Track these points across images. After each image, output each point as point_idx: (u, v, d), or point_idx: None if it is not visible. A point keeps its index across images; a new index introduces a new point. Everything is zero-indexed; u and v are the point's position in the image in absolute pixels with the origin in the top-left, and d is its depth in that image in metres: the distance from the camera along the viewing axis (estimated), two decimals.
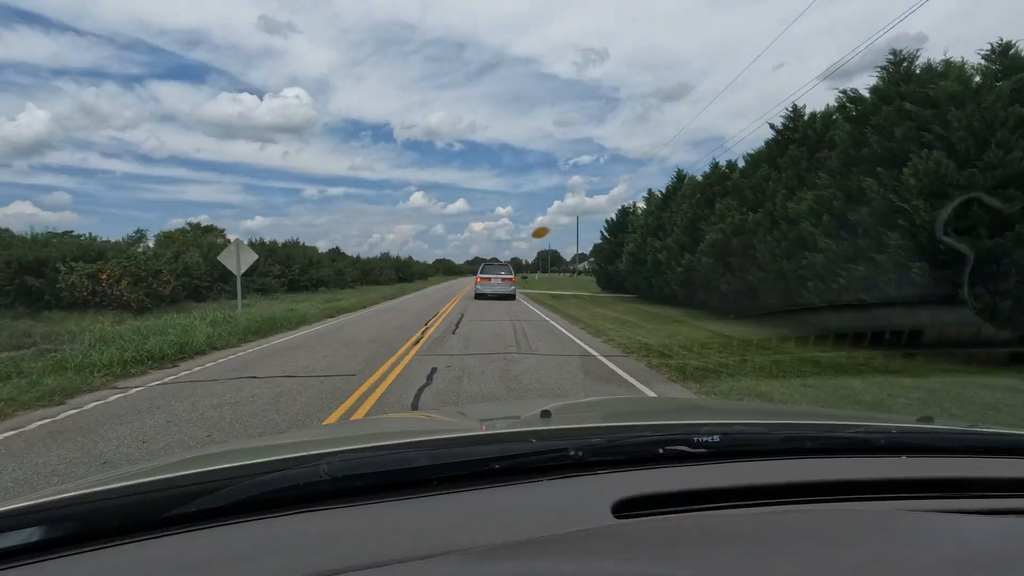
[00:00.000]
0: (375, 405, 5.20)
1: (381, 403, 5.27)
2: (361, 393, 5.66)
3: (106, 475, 0.99)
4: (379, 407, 5.14)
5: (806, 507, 0.83)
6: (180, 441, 4.10)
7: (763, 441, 1.05)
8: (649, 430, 1.09)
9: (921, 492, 0.88)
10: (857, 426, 1.17)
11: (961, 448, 1.07)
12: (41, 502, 0.75)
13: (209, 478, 0.80)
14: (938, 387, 6.19)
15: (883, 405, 5.35)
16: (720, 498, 0.84)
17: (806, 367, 7.25)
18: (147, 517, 0.73)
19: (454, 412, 2.76)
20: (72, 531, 0.70)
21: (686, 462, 0.95)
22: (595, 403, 2.66)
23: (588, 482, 0.88)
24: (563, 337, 10.76)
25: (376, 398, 5.47)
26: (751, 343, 9.50)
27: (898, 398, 5.62)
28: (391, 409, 5.12)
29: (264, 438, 3.74)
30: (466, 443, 1.02)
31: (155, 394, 5.68)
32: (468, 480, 0.86)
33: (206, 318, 11.56)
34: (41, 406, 5.21)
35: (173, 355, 7.82)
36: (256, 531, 0.73)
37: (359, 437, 1.29)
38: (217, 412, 4.91)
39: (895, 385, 6.22)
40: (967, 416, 5.07)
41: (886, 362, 7.53)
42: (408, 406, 5.21)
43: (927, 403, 5.40)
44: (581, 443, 0.93)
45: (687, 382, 6.47)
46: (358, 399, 5.41)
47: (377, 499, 0.80)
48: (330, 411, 5.00)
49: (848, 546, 0.64)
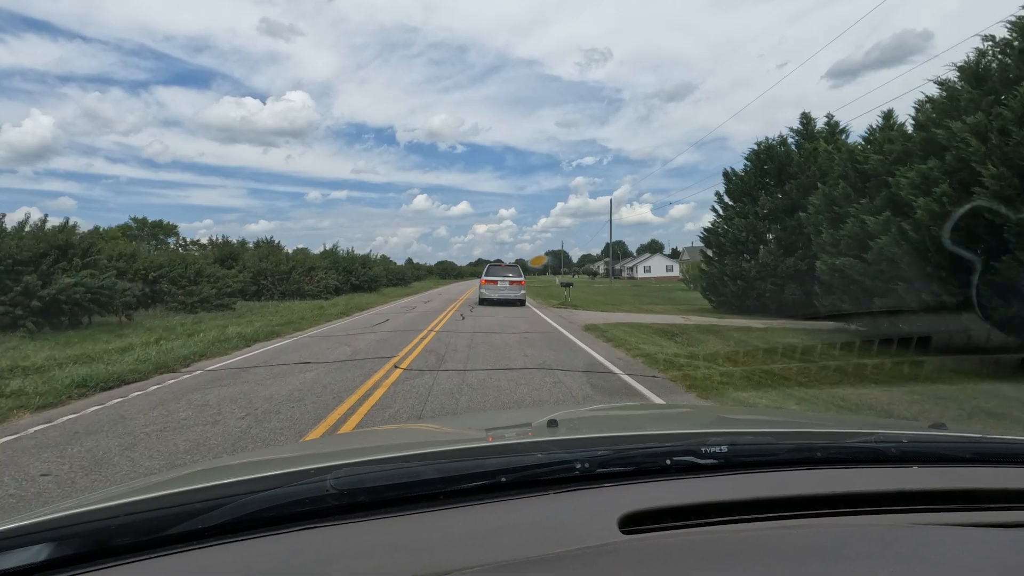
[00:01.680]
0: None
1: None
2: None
3: (112, 491, 1.00)
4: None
5: (815, 521, 0.82)
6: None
7: (772, 451, 1.04)
8: (656, 440, 1.08)
9: (934, 504, 0.87)
10: (867, 435, 1.16)
11: (974, 457, 1.06)
12: (49, 519, 0.75)
13: (214, 494, 0.80)
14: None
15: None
16: (729, 511, 0.83)
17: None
18: (154, 534, 0.73)
19: (461, 421, 2.75)
20: (80, 549, 0.70)
21: (694, 473, 0.95)
22: (602, 412, 2.65)
23: (595, 495, 0.87)
24: None
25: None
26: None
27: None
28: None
29: (270, 450, 3.73)
30: (473, 455, 1.01)
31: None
32: (475, 493, 0.85)
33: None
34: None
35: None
36: (262, 548, 0.73)
37: (365, 450, 1.29)
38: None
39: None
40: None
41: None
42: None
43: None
44: (588, 455, 0.93)
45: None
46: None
47: (383, 514, 0.80)
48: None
49: (858, 563, 0.63)
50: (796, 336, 11.62)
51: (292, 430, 4.49)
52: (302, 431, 4.46)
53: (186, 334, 10.50)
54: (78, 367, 6.82)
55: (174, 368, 7.29)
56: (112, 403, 5.45)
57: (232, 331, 10.88)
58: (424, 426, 3.47)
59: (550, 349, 9.18)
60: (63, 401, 5.53)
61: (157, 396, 5.73)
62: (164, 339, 9.73)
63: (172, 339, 9.74)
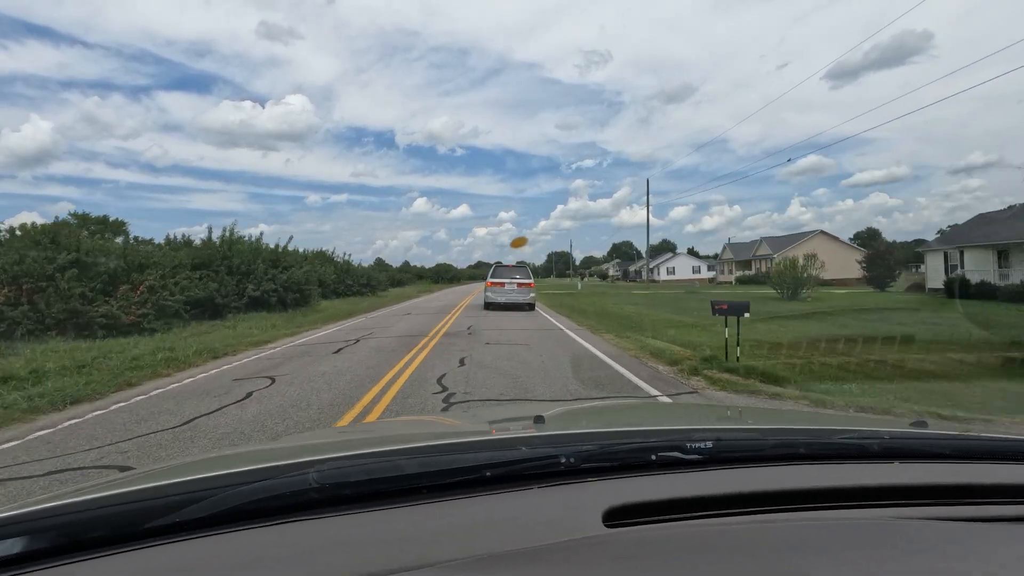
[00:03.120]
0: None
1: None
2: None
3: (89, 484, 0.98)
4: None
5: (798, 515, 0.83)
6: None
7: (756, 447, 1.05)
8: (642, 436, 1.08)
9: (914, 499, 0.88)
10: (851, 431, 1.17)
11: (954, 453, 1.07)
12: (22, 512, 0.74)
13: (194, 487, 0.79)
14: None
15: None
16: (713, 506, 0.83)
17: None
18: (130, 527, 0.72)
19: (459, 416, 2.74)
20: (54, 542, 0.69)
21: (679, 468, 0.95)
22: (591, 408, 2.66)
23: (579, 490, 0.87)
24: None
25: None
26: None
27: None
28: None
29: (254, 444, 3.69)
30: (457, 450, 1.01)
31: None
32: (459, 488, 0.85)
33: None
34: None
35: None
36: (241, 541, 0.72)
37: (349, 443, 1.28)
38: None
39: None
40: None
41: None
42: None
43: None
44: (573, 450, 0.93)
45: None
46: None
47: (366, 507, 0.80)
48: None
49: (839, 555, 0.63)
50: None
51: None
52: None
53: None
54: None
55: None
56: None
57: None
58: (421, 418, 3.45)
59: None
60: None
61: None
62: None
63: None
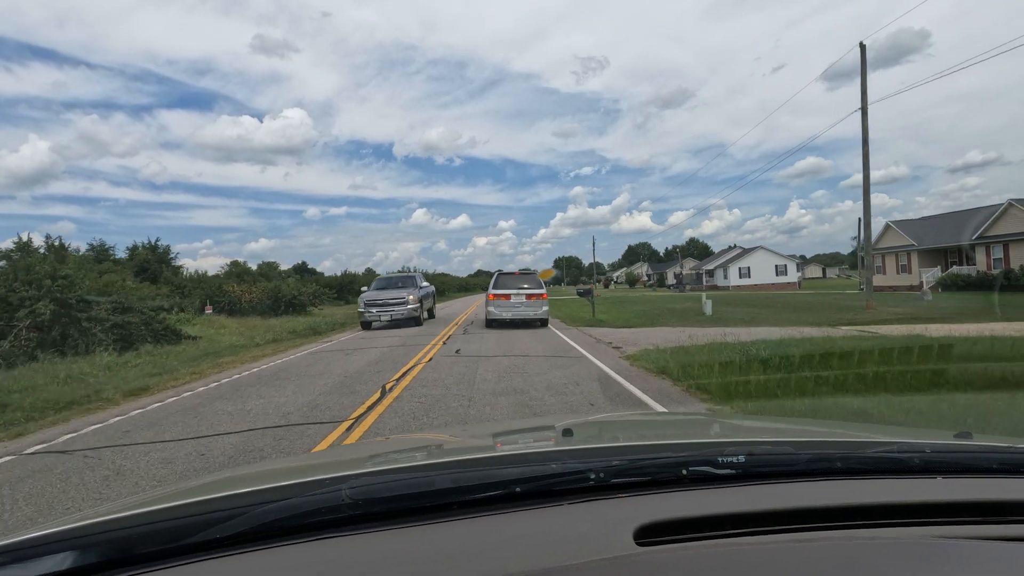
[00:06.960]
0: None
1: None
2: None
3: (133, 499, 1.01)
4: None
5: (835, 534, 0.81)
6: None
7: (790, 461, 1.02)
8: (671, 450, 1.07)
9: (959, 516, 0.84)
10: (889, 444, 1.13)
11: (1001, 468, 1.02)
12: (73, 527, 0.77)
13: (234, 503, 0.81)
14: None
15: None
16: (746, 523, 0.81)
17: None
18: (175, 542, 0.74)
19: (477, 429, 2.73)
20: (103, 557, 0.72)
21: (710, 484, 0.93)
22: (616, 420, 2.61)
23: (610, 506, 0.86)
24: None
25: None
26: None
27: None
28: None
29: (286, 460, 3.74)
30: (487, 465, 1.01)
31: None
32: (489, 503, 0.85)
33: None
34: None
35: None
36: (279, 557, 0.73)
37: (381, 459, 1.29)
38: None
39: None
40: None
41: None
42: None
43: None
44: (602, 465, 0.92)
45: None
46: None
47: (398, 524, 0.80)
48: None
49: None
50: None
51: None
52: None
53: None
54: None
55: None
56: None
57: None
58: (434, 435, 3.44)
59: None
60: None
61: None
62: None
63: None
